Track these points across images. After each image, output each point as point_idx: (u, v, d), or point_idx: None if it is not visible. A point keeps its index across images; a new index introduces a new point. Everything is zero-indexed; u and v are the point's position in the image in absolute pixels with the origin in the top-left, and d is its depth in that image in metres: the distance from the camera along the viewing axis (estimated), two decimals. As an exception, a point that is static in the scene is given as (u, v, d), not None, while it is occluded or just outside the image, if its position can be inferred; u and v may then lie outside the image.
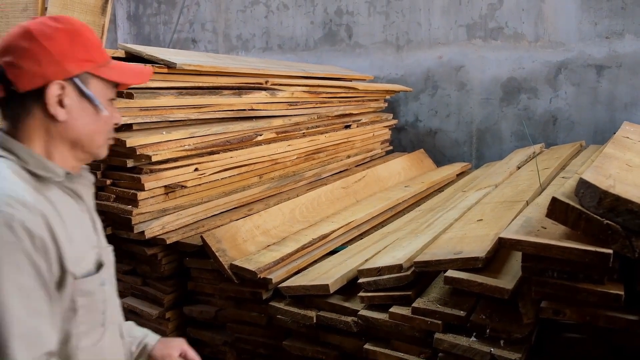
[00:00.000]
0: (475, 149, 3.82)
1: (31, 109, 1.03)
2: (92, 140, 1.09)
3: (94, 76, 1.07)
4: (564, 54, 3.49)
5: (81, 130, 1.07)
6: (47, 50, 1.01)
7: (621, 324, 1.29)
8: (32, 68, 1.00)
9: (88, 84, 1.06)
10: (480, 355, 1.42)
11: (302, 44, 4.38)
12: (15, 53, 1.00)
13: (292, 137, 2.71)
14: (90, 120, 1.07)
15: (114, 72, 1.10)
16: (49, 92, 1.01)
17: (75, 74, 1.04)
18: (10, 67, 1.00)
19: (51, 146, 1.06)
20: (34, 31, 1.02)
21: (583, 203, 1.30)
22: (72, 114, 1.04)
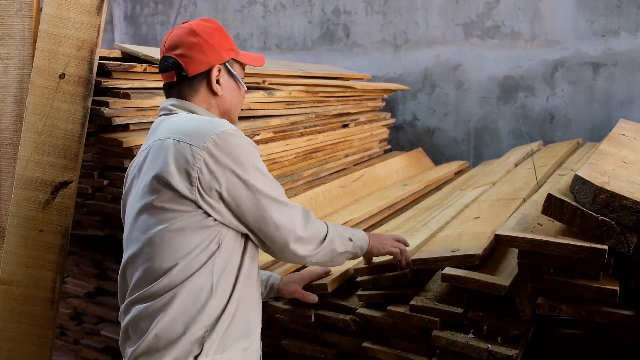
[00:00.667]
0: (473, 147, 3.83)
1: (198, 88, 1.37)
2: (237, 109, 1.46)
3: (235, 61, 1.43)
4: (560, 52, 3.50)
5: (231, 102, 1.43)
6: (210, 44, 1.35)
7: (616, 319, 1.30)
8: (200, 57, 1.34)
9: (233, 67, 1.42)
10: (478, 352, 1.42)
11: (300, 44, 4.38)
12: (185, 46, 1.34)
13: (290, 137, 2.72)
14: (235, 94, 1.44)
15: (244, 57, 1.46)
16: (212, 74, 1.36)
17: (227, 59, 1.39)
18: (182, 58, 1.34)
19: (211, 113, 1.39)
20: (197, 29, 1.36)
21: (578, 199, 1.31)
22: (225, 89, 1.40)
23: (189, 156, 1.20)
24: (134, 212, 1.28)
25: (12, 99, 1.78)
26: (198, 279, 1.23)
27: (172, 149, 1.22)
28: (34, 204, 1.77)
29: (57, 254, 1.80)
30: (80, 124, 1.78)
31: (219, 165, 1.21)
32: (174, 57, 1.35)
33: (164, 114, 1.37)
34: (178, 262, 1.22)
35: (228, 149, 1.22)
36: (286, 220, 1.30)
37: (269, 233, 1.29)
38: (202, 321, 1.23)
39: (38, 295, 1.81)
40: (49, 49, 1.71)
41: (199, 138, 1.22)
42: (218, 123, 1.26)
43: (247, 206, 1.25)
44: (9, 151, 1.79)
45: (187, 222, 1.22)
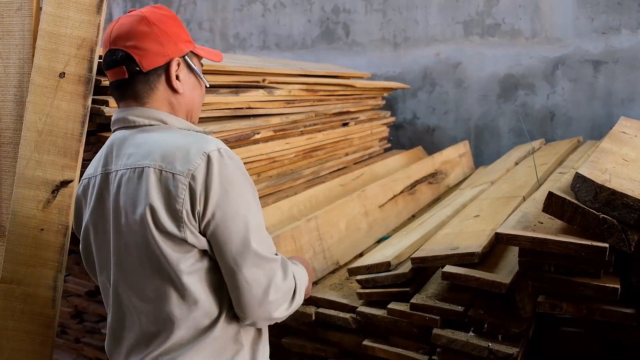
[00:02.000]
0: (473, 146, 3.83)
1: (155, 85, 1.18)
2: (198, 109, 1.30)
3: (194, 54, 1.26)
4: (560, 50, 3.49)
5: (193, 100, 1.26)
6: (166, 33, 1.17)
7: (617, 317, 1.30)
8: (156, 48, 1.16)
9: (192, 61, 1.24)
10: (478, 350, 1.43)
11: (300, 43, 4.38)
12: (138, 37, 1.15)
13: (290, 136, 2.72)
14: (197, 92, 1.27)
15: (203, 51, 1.29)
16: (171, 68, 1.18)
17: (186, 52, 1.22)
18: (134, 50, 1.15)
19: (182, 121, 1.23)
20: (150, 18, 1.17)
21: (579, 197, 1.31)
22: (186, 86, 1.23)
23: (172, 189, 1.06)
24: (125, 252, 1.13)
25: (12, 97, 1.77)
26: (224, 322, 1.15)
27: (153, 179, 1.07)
28: (35, 203, 1.77)
29: (58, 252, 1.79)
30: (81, 123, 1.77)
31: (206, 195, 1.06)
32: (124, 49, 1.15)
33: (121, 128, 1.19)
34: (197, 309, 1.12)
35: (216, 173, 1.07)
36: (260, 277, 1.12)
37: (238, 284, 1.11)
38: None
39: (39, 293, 1.81)
40: (48, 48, 1.71)
41: (183, 163, 1.06)
42: (202, 141, 1.11)
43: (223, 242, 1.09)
44: (9, 150, 1.79)
45: (188, 262, 1.10)
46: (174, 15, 1.24)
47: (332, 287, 1.84)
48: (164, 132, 1.16)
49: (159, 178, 1.07)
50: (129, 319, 1.19)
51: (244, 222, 1.10)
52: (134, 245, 1.11)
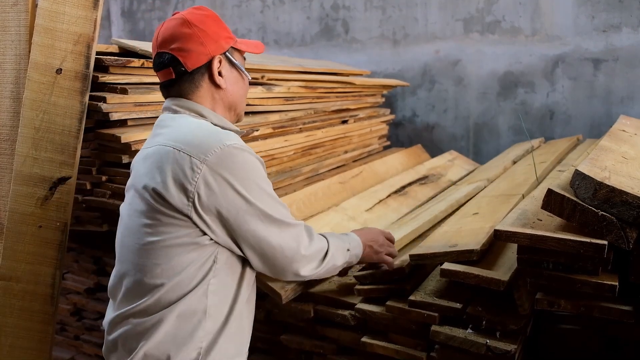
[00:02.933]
0: (472, 143, 3.82)
1: (199, 82, 1.28)
2: (242, 101, 1.37)
3: (234, 49, 1.33)
4: (560, 48, 3.49)
5: (236, 94, 1.34)
6: (206, 33, 1.25)
7: (615, 314, 1.29)
8: (199, 49, 1.25)
9: (233, 56, 1.32)
10: (476, 347, 1.43)
11: (299, 39, 4.37)
12: (181, 39, 1.24)
13: (288, 133, 2.71)
14: (240, 85, 1.35)
15: (244, 45, 1.36)
16: (214, 65, 1.27)
17: (226, 49, 1.30)
18: (179, 52, 1.24)
19: (217, 109, 1.32)
20: (191, 19, 1.26)
21: (578, 195, 1.31)
22: (229, 81, 1.31)
23: (188, 169, 1.14)
24: (127, 217, 1.24)
25: (8, 94, 1.77)
26: (191, 299, 1.19)
27: (170, 159, 1.15)
28: (33, 200, 1.76)
29: (56, 249, 1.79)
30: (78, 120, 1.77)
31: (218, 182, 1.14)
32: (170, 52, 1.25)
33: (167, 112, 1.31)
34: (170, 279, 1.18)
35: (231, 164, 1.15)
36: (289, 241, 1.26)
37: (271, 255, 1.24)
38: (195, 343, 1.20)
39: (37, 291, 1.81)
40: (45, 44, 1.71)
41: (201, 150, 1.15)
42: (225, 135, 1.20)
43: (247, 227, 1.19)
44: (7, 147, 1.79)
45: (181, 238, 1.17)
46: (213, 14, 1.31)
47: (331, 283, 1.83)
48: (196, 121, 1.25)
49: (176, 158, 1.15)
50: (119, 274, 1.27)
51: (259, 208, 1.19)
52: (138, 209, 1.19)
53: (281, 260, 1.25)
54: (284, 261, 1.25)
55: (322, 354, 1.77)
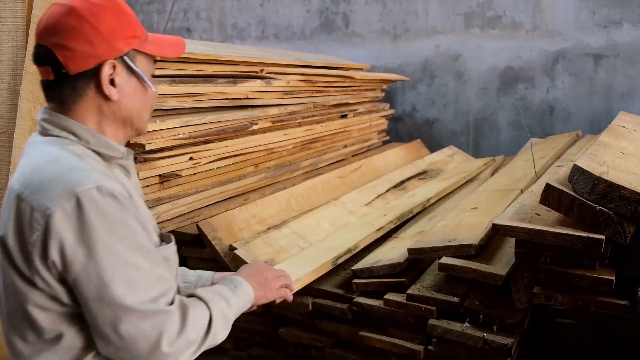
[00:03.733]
0: (472, 139, 3.82)
1: (83, 90, 1.02)
2: (141, 116, 1.11)
3: (139, 52, 1.07)
4: (561, 44, 3.48)
5: (132, 108, 1.08)
6: (98, 29, 0.99)
7: (612, 308, 1.30)
8: (85, 49, 0.98)
9: (135, 61, 1.06)
10: (474, 341, 1.43)
11: (299, 33, 4.36)
12: (64, 33, 0.98)
13: (288, 127, 2.71)
14: (139, 97, 1.09)
15: (154, 46, 1.10)
16: (103, 72, 1.01)
17: (125, 52, 1.03)
18: (60, 49, 0.98)
19: (104, 124, 1.06)
20: (80, 10, 0.99)
21: (576, 189, 1.31)
22: (123, 92, 1.05)
23: (27, 226, 0.92)
24: None
25: (6, 86, 1.76)
26: None
27: (13, 208, 0.94)
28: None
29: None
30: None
31: (63, 243, 0.91)
32: (49, 46, 0.98)
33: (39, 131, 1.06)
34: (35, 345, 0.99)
35: (83, 218, 0.91)
36: (147, 332, 0.95)
37: (116, 345, 0.96)
38: None
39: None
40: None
41: (46, 198, 0.91)
42: (84, 177, 0.94)
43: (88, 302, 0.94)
44: (4, 139, 1.79)
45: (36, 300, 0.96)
46: (116, 3, 1.04)
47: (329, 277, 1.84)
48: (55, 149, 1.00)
49: (18, 207, 0.94)
50: None
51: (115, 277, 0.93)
52: None
53: (130, 354, 0.97)
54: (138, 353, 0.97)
55: (320, 347, 1.78)
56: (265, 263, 1.42)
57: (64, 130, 1.03)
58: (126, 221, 0.97)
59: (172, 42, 1.17)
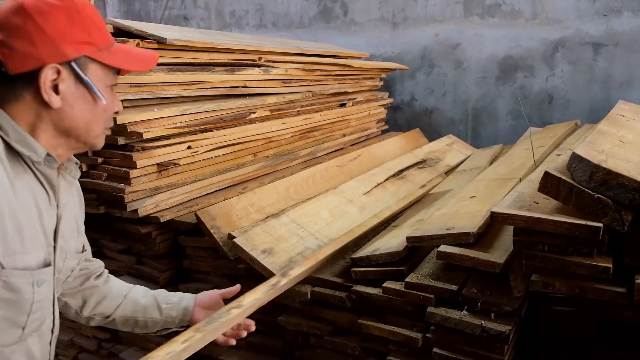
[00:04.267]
0: (471, 128, 3.82)
1: (21, 93, 0.96)
2: (88, 129, 1.03)
3: (94, 60, 1.00)
4: (561, 32, 3.46)
5: (77, 119, 1.00)
6: (43, 30, 0.93)
7: (609, 296, 1.31)
8: (26, 49, 0.92)
9: (86, 69, 0.99)
10: (471, 328, 1.44)
11: (297, 21, 4.33)
12: (7, 31, 0.93)
13: (286, 115, 2.70)
14: (87, 109, 1.01)
15: (116, 57, 1.03)
16: (43, 76, 0.94)
17: (73, 57, 0.97)
18: (1, 47, 0.93)
19: (39, 130, 0.99)
20: (28, 7, 0.93)
21: (575, 177, 1.31)
22: (67, 100, 0.97)
23: None
24: None
25: (4, 73, 1.75)
26: None
27: None
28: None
29: (52, 230, 1.79)
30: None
31: None
32: None
33: None
34: None
35: None
36: None
37: None
38: None
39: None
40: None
41: None
42: None
43: None
44: None
45: None
46: (73, 6, 0.97)
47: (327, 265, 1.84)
48: None
49: None
50: None
51: None
52: None
53: None
54: None
55: (319, 335, 1.78)
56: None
57: None
58: None
59: (141, 55, 1.09)
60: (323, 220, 2.11)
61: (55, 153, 1.02)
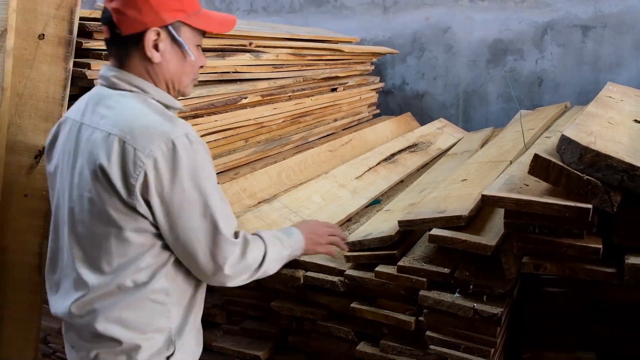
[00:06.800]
0: (462, 111, 3.82)
1: (131, 51, 1.20)
2: (181, 80, 1.27)
3: (185, 24, 1.22)
4: (550, 15, 3.46)
5: (172, 72, 1.24)
6: (147, 1, 1.16)
7: (599, 276, 1.32)
8: (134, 15, 1.16)
9: (179, 31, 1.22)
10: (464, 311, 1.45)
11: (288, 6, 4.29)
12: (121, 1, 1.17)
13: (277, 100, 2.69)
14: (180, 63, 1.25)
15: (202, 21, 1.26)
16: (147, 37, 1.18)
17: (169, 22, 1.20)
18: (116, 13, 1.17)
19: (155, 83, 1.24)
20: None
21: (564, 159, 1.32)
22: (165, 57, 1.21)
23: (131, 163, 1.10)
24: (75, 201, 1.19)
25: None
26: (154, 284, 1.19)
27: (116, 148, 1.11)
28: (17, 169, 1.74)
29: (43, 218, 1.78)
30: (62, 86, 1.73)
31: (165, 177, 1.11)
32: (109, 10, 1.18)
33: (105, 85, 1.24)
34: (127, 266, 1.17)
35: (178, 160, 1.11)
36: (219, 254, 1.19)
37: (195, 259, 1.19)
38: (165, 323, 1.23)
39: (25, 260, 1.80)
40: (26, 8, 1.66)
41: (147, 142, 1.10)
42: (173, 126, 1.14)
43: (184, 222, 1.15)
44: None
45: (129, 225, 1.14)
46: None
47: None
48: (138, 103, 1.19)
49: (121, 148, 1.11)
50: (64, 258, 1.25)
51: (203, 207, 1.16)
52: (86, 196, 1.16)
53: (204, 268, 1.21)
54: (206, 270, 1.21)
55: (313, 320, 1.80)
56: (321, 221, 1.61)
57: (133, 87, 1.21)
58: (209, 164, 1.19)
59: (221, 19, 1.32)
60: (315, 204, 2.11)
61: None
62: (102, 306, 1.19)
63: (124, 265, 1.17)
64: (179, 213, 1.14)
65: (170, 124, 1.15)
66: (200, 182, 1.15)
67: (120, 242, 1.15)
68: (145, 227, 1.16)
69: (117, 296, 1.18)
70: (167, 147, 1.11)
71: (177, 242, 1.17)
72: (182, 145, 1.12)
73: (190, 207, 1.15)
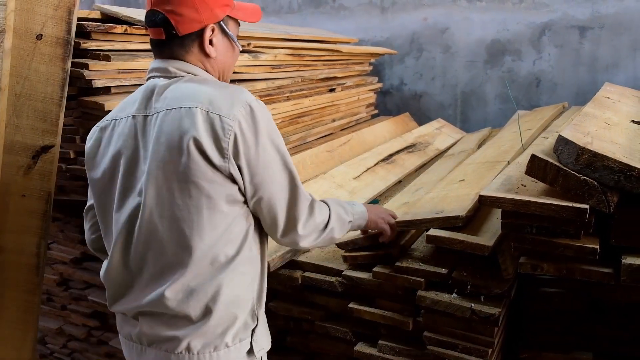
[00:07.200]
0: (460, 112, 3.83)
1: (189, 48, 1.26)
2: (230, 70, 1.37)
3: (230, 17, 1.30)
4: (547, 15, 3.47)
5: (225, 63, 1.33)
6: (204, 0, 1.22)
7: (596, 276, 1.33)
8: (192, 15, 1.22)
9: (227, 25, 1.30)
10: (461, 311, 1.46)
11: (286, 7, 4.29)
12: (176, 2, 1.21)
13: (275, 101, 2.69)
14: (230, 55, 1.34)
15: (240, 12, 1.33)
16: (205, 34, 1.25)
17: (222, 17, 1.27)
18: (172, 15, 1.21)
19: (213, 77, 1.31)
20: None
21: (561, 160, 1.32)
22: (219, 50, 1.29)
23: (219, 128, 1.14)
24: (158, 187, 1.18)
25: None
26: (243, 254, 1.24)
27: (200, 118, 1.15)
28: (15, 169, 1.74)
29: (41, 219, 1.78)
30: (60, 87, 1.73)
31: (250, 138, 1.17)
32: (163, 12, 1.22)
33: (160, 76, 1.27)
34: (219, 239, 1.20)
35: (258, 121, 1.18)
36: (297, 212, 1.27)
37: (275, 218, 1.25)
38: (250, 294, 1.27)
39: (22, 261, 1.80)
40: (24, 8, 1.66)
41: (229, 108, 1.16)
42: (240, 92, 1.21)
43: (267, 183, 1.21)
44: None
45: (220, 194, 1.18)
46: None
47: (318, 250, 1.85)
48: (202, 83, 1.23)
49: (205, 118, 1.15)
50: (152, 250, 1.22)
51: (285, 165, 1.24)
52: (173, 175, 1.17)
53: (281, 225, 1.26)
54: (284, 227, 1.27)
55: (311, 320, 1.79)
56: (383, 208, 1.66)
57: (190, 74, 1.26)
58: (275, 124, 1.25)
59: (252, 9, 1.38)
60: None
61: None
62: (199, 284, 1.20)
63: (215, 239, 1.20)
64: (263, 172, 1.20)
65: (239, 91, 1.21)
66: (275, 139, 1.22)
67: (212, 214, 1.18)
68: (234, 195, 1.19)
69: (212, 272, 1.21)
70: (246, 110, 1.16)
71: (260, 202, 1.22)
72: (258, 108, 1.18)
73: (272, 164, 1.21)
